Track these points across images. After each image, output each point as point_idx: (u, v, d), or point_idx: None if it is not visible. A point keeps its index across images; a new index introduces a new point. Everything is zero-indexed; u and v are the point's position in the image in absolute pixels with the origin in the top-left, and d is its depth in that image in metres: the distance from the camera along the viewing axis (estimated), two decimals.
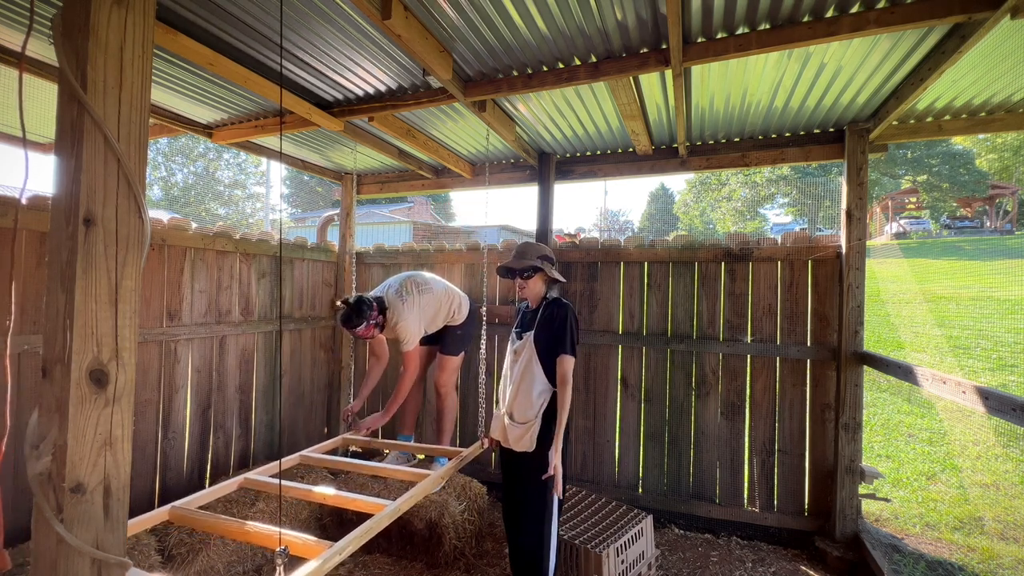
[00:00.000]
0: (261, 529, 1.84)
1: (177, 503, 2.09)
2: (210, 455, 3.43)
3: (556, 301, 2.33)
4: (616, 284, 3.69)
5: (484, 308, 3.50)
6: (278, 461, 2.68)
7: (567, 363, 2.21)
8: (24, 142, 1.01)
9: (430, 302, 3.35)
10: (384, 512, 2.00)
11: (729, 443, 3.36)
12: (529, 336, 2.31)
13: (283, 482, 2.36)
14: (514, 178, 4.10)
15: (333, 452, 3.06)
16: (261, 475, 2.46)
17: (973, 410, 1.97)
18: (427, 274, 3.56)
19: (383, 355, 3.43)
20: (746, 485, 3.32)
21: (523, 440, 2.23)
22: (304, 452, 2.79)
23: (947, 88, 2.57)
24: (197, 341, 3.32)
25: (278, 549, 1.60)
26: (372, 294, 3.29)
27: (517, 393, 2.30)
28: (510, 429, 2.29)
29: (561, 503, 2.31)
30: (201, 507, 2.17)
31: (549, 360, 2.25)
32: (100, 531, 0.97)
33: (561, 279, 2.39)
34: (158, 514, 2.01)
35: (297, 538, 1.74)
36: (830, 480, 3.10)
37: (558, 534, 2.30)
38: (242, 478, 2.39)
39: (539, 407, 2.23)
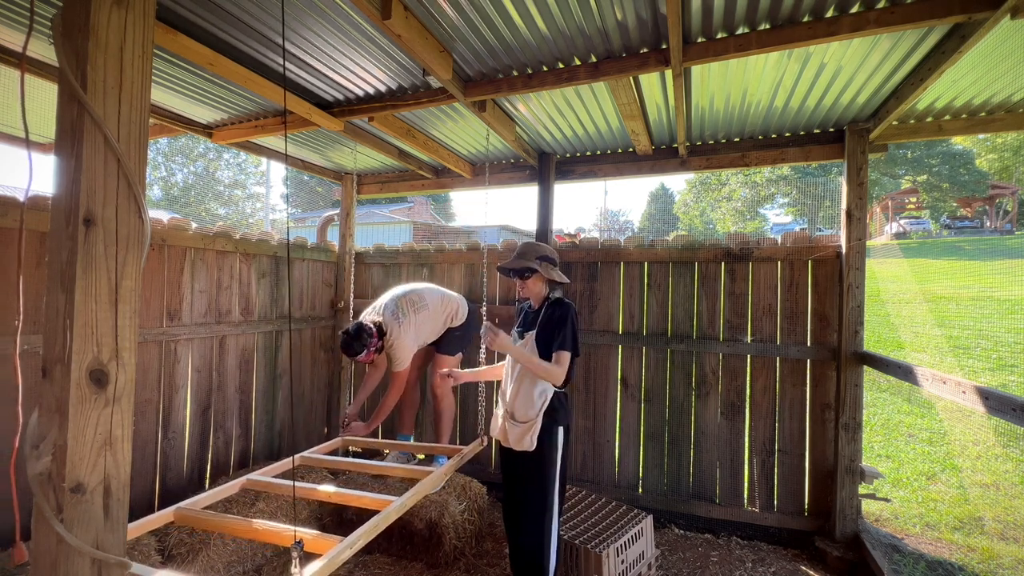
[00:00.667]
0: (271, 527, 1.85)
1: (182, 504, 2.10)
2: (210, 455, 3.43)
3: (558, 301, 2.32)
4: (616, 284, 3.69)
5: (484, 308, 3.50)
6: (280, 462, 2.70)
7: (562, 356, 2.20)
8: (27, 143, 1.01)
9: (426, 319, 3.33)
10: (392, 507, 2.01)
11: (729, 443, 3.36)
12: (531, 336, 2.31)
13: (286, 482, 2.37)
14: (514, 178, 4.10)
15: (333, 453, 3.06)
16: (264, 475, 2.46)
17: (973, 410, 1.97)
18: (421, 286, 3.51)
19: (382, 364, 3.43)
20: (746, 485, 3.32)
21: (524, 440, 2.23)
22: (304, 453, 2.79)
23: (947, 88, 2.57)
24: (197, 341, 3.32)
25: (294, 543, 1.61)
26: (368, 316, 3.27)
27: (518, 393, 2.30)
28: (510, 429, 2.29)
29: (562, 501, 2.31)
30: (206, 508, 2.18)
31: (550, 360, 2.25)
32: (100, 531, 0.97)
33: (561, 280, 2.36)
34: (163, 515, 2.01)
35: (308, 534, 1.75)
36: (830, 480, 3.10)
37: (559, 534, 2.30)
38: (245, 479, 2.40)
39: (540, 406, 2.23)
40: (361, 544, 1.78)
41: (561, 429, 2.27)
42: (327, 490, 2.27)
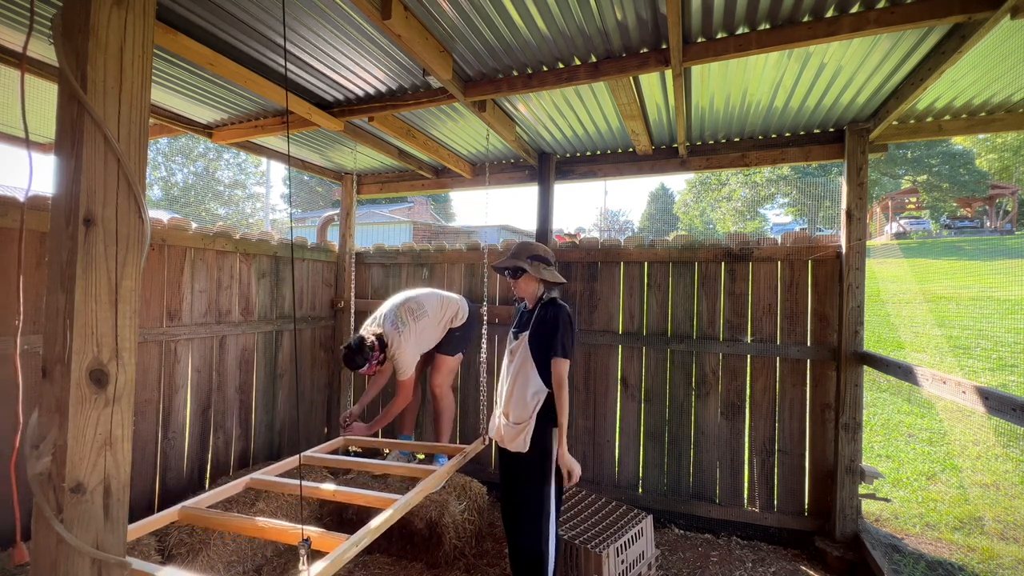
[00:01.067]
0: (278, 525, 1.85)
1: (187, 503, 2.10)
2: (210, 455, 3.43)
3: (552, 302, 2.31)
4: (616, 284, 3.69)
5: (484, 308, 3.50)
6: (283, 461, 2.71)
7: (560, 366, 2.19)
8: (27, 143, 1.01)
9: (426, 326, 3.33)
10: (396, 505, 2.02)
11: (729, 443, 3.36)
12: (524, 336, 2.31)
13: (290, 481, 2.37)
14: (514, 178, 4.10)
15: (334, 452, 3.07)
16: (267, 475, 2.46)
17: (973, 410, 1.98)
18: (420, 293, 3.49)
19: (387, 368, 3.44)
20: (746, 485, 3.32)
21: (517, 440, 2.24)
22: (307, 452, 2.80)
23: (947, 88, 2.57)
24: (197, 341, 3.32)
25: (301, 540, 1.62)
26: (369, 328, 3.28)
27: (512, 393, 2.30)
28: (506, 429, 2.29)
29: (560, 503, 2.31)
30: (209, 507, 2.19)
31: (543, 361, 2.24)
32: (100, 531, 0.97)
33: (554, 280, 2.34)
34: (168, 514, 2.02)
35: (313, 532, 1.75)
36: (830, 480, 3.10)
37: (557, 534, 2.30)
38: (248, 478, 2.40)
39: (533, 408, 2.22)
40: (367, 542, 1.79)
41: (556, 430, 2.26)
42: (332, 489, 2.28)
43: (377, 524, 1.86)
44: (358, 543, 1.72)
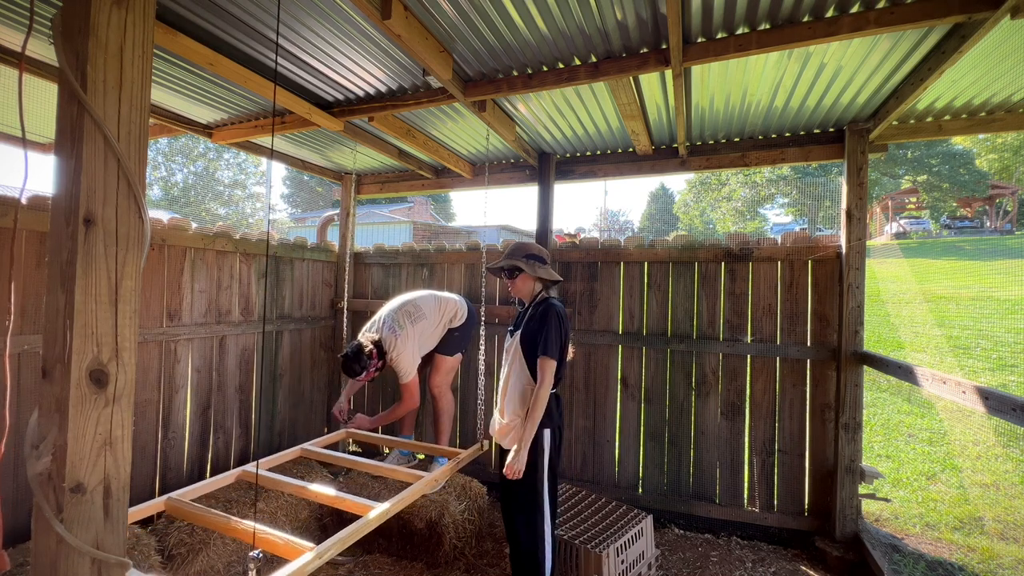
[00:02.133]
0: (245, 526, 1.84)
1: (174, 494, 2.11)
2: (210, 455, 3.43)
3: (545, 301, 2.31)
4: (616, 284, 3.69)
5: (484, 308, 3.50)
6: (279, 453, 2.70)
7: (544, 364, 2.17)
8: (24, 142, 1.01)
9: (425, 328, 3.33)
10: (370, 515, 1.98)
11: (729, 443, 3.36)
12: (517, 336, 2.31)
13: (281, 478, 2.37)
14: (514, 178, 4.10)
15: (334, 447, 3.06)
16: (260, 468, 2.46)
17: (973, 410, 1.98)
18: (417, 295, 3.48)
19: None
20: (746, 485, 3.32)
21: (506, 439, 2.26)
22: (305, 445, 2.79)
23: (947, 88, 2.57)
24: (197, 341, 3.32)
25: (252, 553, 1.56)
26: (366, 334, 3.27)
27: (506, 392, 2.32)
28: (501, 427, 2.31)
29: (554, 501, 2.31)
30: (198, 499, 2.19)
31: (533, 360, 2.24)
32: (100, 531, 0.97)
33: (550, 278, 2.35)
34: (155, 504, 2.03)
35: (278, 538, 1.71)
36: (830, 480, 3.10)
37: (554, 533, 2.30)
38: (240, 470, 2.40)
39: (524, 407, 2.23)
40: (333, 553, 1.72)
41: (547, 432, 2.25)
42: (314, 489, 2.26)
43: (347, 534, 1.81)
44: (322, 555, 1.65)
